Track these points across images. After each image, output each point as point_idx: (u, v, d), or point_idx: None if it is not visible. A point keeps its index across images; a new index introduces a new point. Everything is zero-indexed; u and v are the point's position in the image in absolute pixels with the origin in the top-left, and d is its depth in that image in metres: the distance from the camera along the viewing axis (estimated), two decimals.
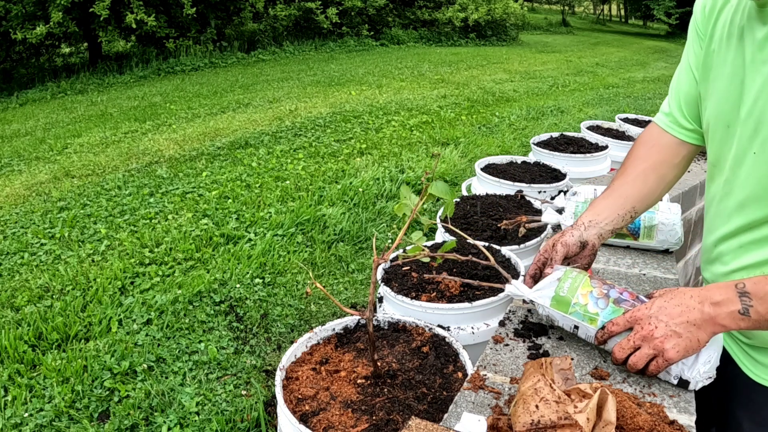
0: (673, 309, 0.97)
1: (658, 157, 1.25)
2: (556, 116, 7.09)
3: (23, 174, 5.10)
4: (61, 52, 12.39)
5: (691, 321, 0.95)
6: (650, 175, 1.24)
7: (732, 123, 1.03)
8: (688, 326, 0.96)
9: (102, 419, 2.21)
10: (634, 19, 31.50)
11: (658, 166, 1.24)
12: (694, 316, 0.95)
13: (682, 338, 0.96)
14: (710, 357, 1.00)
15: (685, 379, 1.01)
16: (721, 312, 0.93)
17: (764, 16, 0.95)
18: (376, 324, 1.41)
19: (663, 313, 0.98)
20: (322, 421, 1.09)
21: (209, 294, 2.99)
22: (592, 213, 1.23)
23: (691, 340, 0.96)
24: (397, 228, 3.87)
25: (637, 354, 1.01)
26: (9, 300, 2.99)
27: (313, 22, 13.09)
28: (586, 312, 1.10)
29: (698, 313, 0.95)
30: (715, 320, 0.94)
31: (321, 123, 6.45)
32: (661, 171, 1.24)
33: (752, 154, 0.98)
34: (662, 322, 0.97)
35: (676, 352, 0.97)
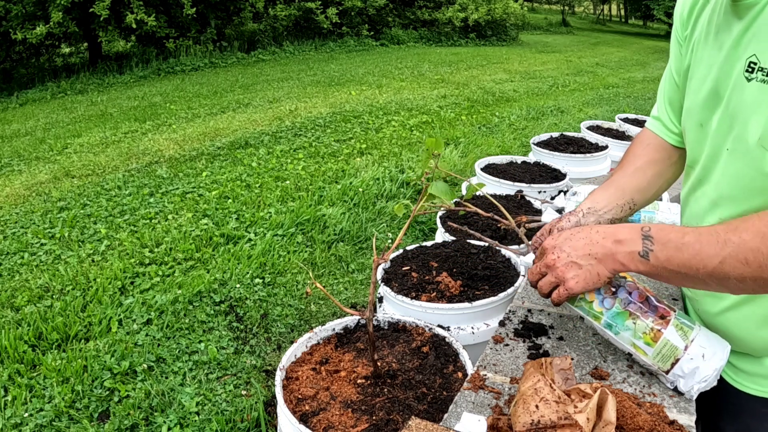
0: (577, 241, 0.99)
1: (656, 155, 1.25)
2: (556, 116, 7.09)
3: (23, 174, 5.10)
4: (61, 52, 12.39)
5: (592, 254, 0.97)
6: (648, 170, 1.25)
7: (705, 122, 1.03)
8: (589, 258, 0.98)
9: (102, 419, 2.21)
10: (634, 19, 31.49)
11: (656, 163, 1.25)
12: (596, 250, 0.97)
13: (582, 269, 0.98)
14: (707, 377, 0.98)
15: (680, 389, 1.02)
16: (622, 250, 0.95)
17: (738, 10, 0.94)
18: (376, 324, 1.41)
19: (567, 244, 1.00)
20: (322, 421, 1.09)
21: (209, 294, 2.99)
22: (591, 201, 1.23)
23: (590, 272, 0.98)
24: (397, 228, 3.87)
25: (543, 280, 1.04)
26: (9, 300, 2.98)
27: (313, 22, 13.09)
28: (591, 309, 1.08)
29: (600, 247, 0.97)
30: (615, 257, 0.96)
31: (321, 123, 6.45)
32: (658, 167, 1.25)
33: (725, 151, 0.97)
34: (565, 252, 1.00)
35: (576, 283, 0.99)
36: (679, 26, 1.15)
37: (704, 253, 0.87)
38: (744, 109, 0.92)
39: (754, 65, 0.89)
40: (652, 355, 1.02)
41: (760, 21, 0.89)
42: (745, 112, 0.92)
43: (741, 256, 0.84)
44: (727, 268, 0.86)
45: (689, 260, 0.89)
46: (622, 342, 1.05)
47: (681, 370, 0.99)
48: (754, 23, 0.90)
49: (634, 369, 1.09)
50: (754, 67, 0.89)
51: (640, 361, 1.05)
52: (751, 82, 0.90)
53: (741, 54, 0.93)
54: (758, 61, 0.89)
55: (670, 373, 1.01)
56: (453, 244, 1.79)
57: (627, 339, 1.04)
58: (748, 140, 0.91)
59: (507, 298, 1.49)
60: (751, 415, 1.07)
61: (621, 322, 1.04)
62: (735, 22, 0.95)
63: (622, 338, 1.04)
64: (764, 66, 0.88)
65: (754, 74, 0.89)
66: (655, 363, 1.02)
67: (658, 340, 1.00)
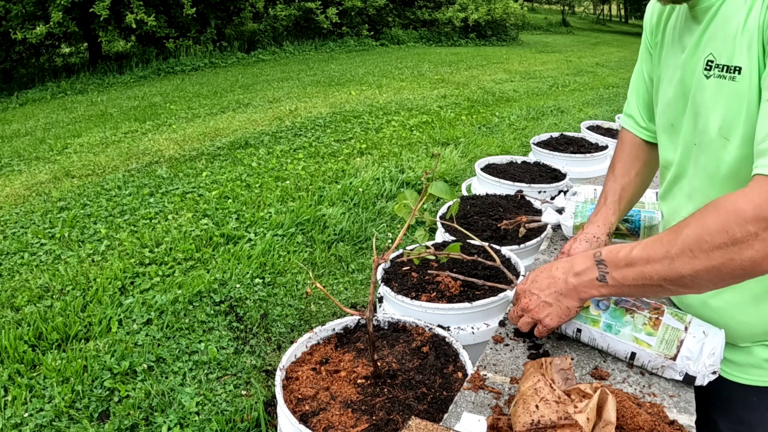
0: (542, 281, 1.08)
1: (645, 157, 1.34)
2: (556, 116, 7.09)
3: (23, 174, 5.10)
4: (61, 52, 12.39)
5: (558, 291, 1.05)
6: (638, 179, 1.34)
7: (676, 121, 1.09)
8: (556, 296, 1.06)
9: (102, 419, 2.21)
10: (634, 19, 31.48)
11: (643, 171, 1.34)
12: (560, 287, 1.05)
13: (553, 307, 1.07)
14: (714, 349, 1.00)
15: (691, 374, 1.01)
16: (582, 281, 1.01)
17: (697, 14, 1.02)
18: (376, 324, 1.41)
19: (535, 287, 1.09)
20: (322, 421, 1.09)
21: (209, 294, 2.99)
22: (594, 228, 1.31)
23: (560, 308, 1.06)
24: (397, 228, 3.87)
25: (521, 321, 1.13)
26: (9, 300, 2.98)
27: (313, 22, 13.09)
28: (588, 314, 1.11)
29: (563, 283, 1.04)
30: (578, 289, 1.02)
31: (321, 123, 6.45)
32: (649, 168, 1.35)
33: (694, 146, 1.04)
34: (534, 294, 1.09)
35: (551, 320, 1.08)
36: (648, 34, 1.24)
37: (654, 260, 0.90)
38: (705, 104, 0.99)
39: (711, 63, 0.97)
40: (656, 343, 1.02)
41: (716, 22, 0.97)
42: (706, 107, 0.99)
43: (686, 249, 0.86)
44: (678, 266, 0.88)
45: (642, 271, 0.92)
46: (624, 341, 1.06)
47: (688, 351, 1.00)
48: (711, 25, 0.98)
49: (634, 369, 1.09)
50: (711, 64, 0.97)
51: (644, 360, 1.06)
52: (710, 79, 0.97)
53: (701, 54, 1.00)
54: (714, 59, 0.96)
55: (678, 359, 1.01)
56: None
57: (628, 335, 1.05)
58: (710, 133, 0.98)
59: (507, 298, 1.49)
60: (741, 404, 1.10)
61: (619, 319, 1.06)
62: (695, 26, 1.03)
63: (623, 336, 1.05)
64: (720, 63, 0.95)
65: (711, 71, 0.97)
66: (661, 352, 1.02)
67: (658, 326, 1.03)
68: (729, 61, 0.93)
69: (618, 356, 1.10)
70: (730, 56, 0.93)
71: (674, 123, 1.10)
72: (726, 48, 0.94)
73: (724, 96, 0.94)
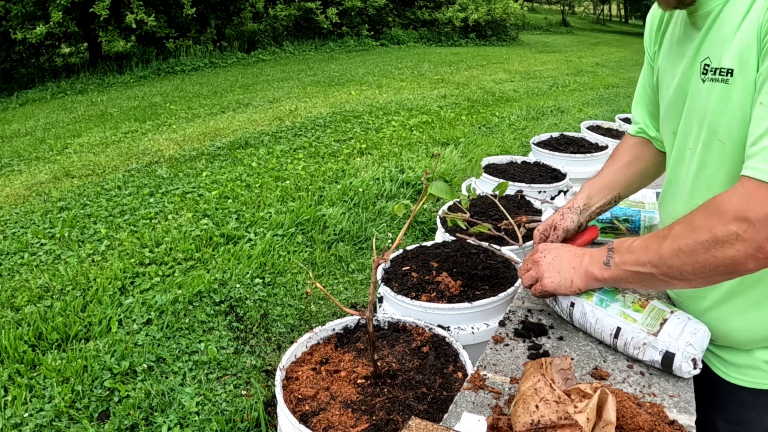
0: (565, 252, 1.17)
1: (640, 154, 1.37)
2: (556, 116, 7.09)
3: (23, 174, 5.10)
4: (61, 52, 12.39)
5: (572, 264, 1.14)
6: (633, 166, 1.37)
7: (676, 128, 1.10)
8: (568, 267, 1.14)
9: (102, 419, 2.21)
10: (634, 19, 31.48)
11: (640, 161, 1.37)
12: (576, 262, 1.14)
13: (560, 274, 1.15)
14: (696, 330, 1.03)
15: (671, 351, 1.03)
16: (592, 263, 1.10)
17: (696, 20, 1.02)
18: (376, 324, 1.41)
19: (555, 252, 1.17)
20: (322, 421, 1.09)
21: (209, 294, 2.99)
22: (586, 197, 1.36)
23: (565, 278, 1.14)
24: (397, 228, 3.87)
25: (527, 274, 1.20)
26: (9, 300, 2.98)
27: (313, 22, 13.09)
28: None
29: (579, 260, 1.14)
30: (588, 269, 1.11)
31: (321, 123, 6.45)
32: (642, 165, 1.37)
33: (688, 151, 1.05)
34: (551, 255, 1.17)
35: (550, 282, 1.15)
36: (648, 42, 1.26)
37: (650, 251, 0.98)
38: (701, 108, 0.99)
39: (707, 67, 0.97)
40: (641, 319, 1.08)
41: (715, 27, 0.97)
42: (702, 110, 0.99)
43: (675, 243, 0.94)
44: (667, 258, 0.95)
45: (638, 259, 1.00)
46: (611, 315, 1.10)
47: (671, 329, 1.04)
48: (710, 31, 0.98)
49: (634, 369, 1.09)
50: (707, 68, 0.97)
51: (628, 337, 1.08)
52: (706, 82, 0.98)
53: (698, 59, 1.00)
54: (710, 62, 0.97)
55: (660, 335, 1.04)
56: (453, 244, 1.79)
57: (617, 310, 1.10)
58: (706, 136, 0.99)
59: (507, 298, 1.49)
60: (740, 405, 1.11)
61: (611, 297, 1.13)
62: (694, 33, 1.03)
63: (612, 310, 1.11)
64: (715, 66, 0.95)
65: (707, 75, 0.97)
66: (645, 327, 1.06)
67: (646, 306, 1.09)
68: (721, 64, 0.94)
69: (603, 336, 1.13)
70: (724, 58, 0.93)
71: (675, 130, 1.10)
72: (720, 51, 0.94)
73: (719, 99, 0.95)
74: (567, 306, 1.18)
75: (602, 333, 1.13)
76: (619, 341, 1.10)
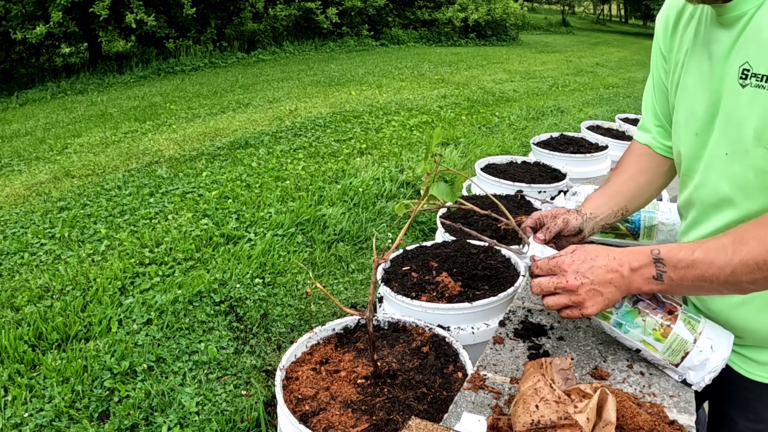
0: (598, 269, 1.02)
1: (647, 165, 1.33)
2: (556, 116, 7.09)
3: (23, 174, 5.10)
4: (61, 52, 12.38)
5: (613, 282, 1.01)
6: (640, 178, 1.33)
7: (702, 131, 1.08)
8: (610, 287, 1.02)
9: (102, 419, 2.21)
10: (634, 19, 31.47)
11: (647, 172, 1.33)
12: (616, 279, 1.01)
13: (603, 297, 1.02)
14: (716, 368, 1.02)
15: (689, 382, 1.04)
16: (638, 277, 1.00)
17: (727, 21, 1.00)
18: (376, 324, 1.41)
19: (590, 272, 1.02)
20: (322, 421, 1.09)
21: (209, 294, 2.99)
22: (593, 207, 1.31)
23: (609, 299, 1.02)
24: (397, 228, 3.87)
25: (555, 299, 1.04)
26: (9, 300, 2.98)
27: (313, 22, 13.09)
28: None
29: (619, 276, 1.01)
30: (632, 284, 1.01)
31: (321, 123, 6.45)
32: (649, 176, 1.33)
33: (724, 156, 1.03)
34: (588, 279, 1.01)
35: (594, 309, 1.03)
36: (662, 41, 1.22)
37: (715, 266, 0.95)
38: (741, 113, 0.97)
39: (747, 72, 0.95)
40: (662, 350, 1.04)
41: (750, 30, 0.95)
42: (742, 116, 0.97)
43: (750, 261, 0.92)
44: (739, 275, 0.93)
45: (702, 274, 0.96)
46: (632, 339, 1.07)
47: (691, 363, 1.02)
48: (744, 33, 0.97)
49: (634, 369, 1.09)
50: (747, 73, 0.95)
51: (649, 357, 1.07)
52: (746, 88, 0.96)
53: (733, 62, 0.98)
54: (751, 68, 0.95)
55: (680, 367, 1.03)
56: (453, 244, 1.79)
57: (637, 336, 1.06)
58: (747, 142, 0.97)
59: (507, 298, 1.49)
60: (762, 403, 1.11)
61: (631, 320, 1.06)
62: (723, 33, 1.01)
63: (632, 336, 1.06)
64: (757, 72, 0.94)
65: (747, 80, 0.95)
66: (665, 358, 1.04)
67: (668, 335, 1.03)
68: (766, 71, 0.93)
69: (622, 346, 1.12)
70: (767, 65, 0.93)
71: (699, 132, 1.08)
72: (762, 57, 0.93)
73: (762, 105, 0.94)
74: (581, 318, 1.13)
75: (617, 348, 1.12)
76: (638, 354, 1.10)
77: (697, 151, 1.10)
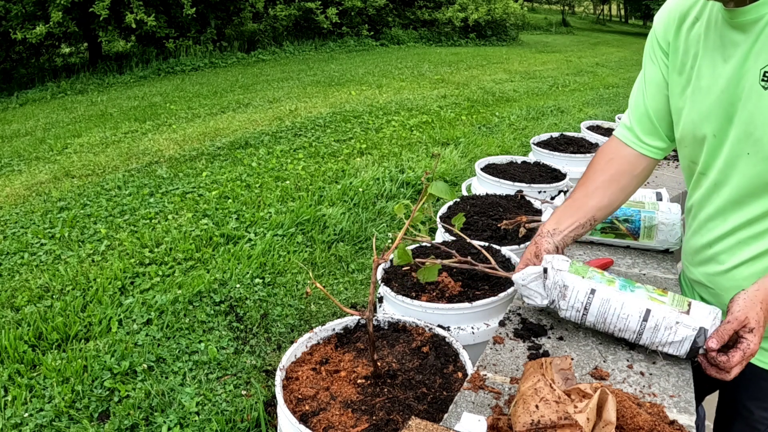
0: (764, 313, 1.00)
1: (619, 168, 1.30)
2: (556, 116, 7.09)
3: (23, 174, 5.10)
4: (61, 52, 12.38)
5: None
6: (610, 186, 1.30)
7: (719, 131, 1.09)
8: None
9: (102, 419, 2.21)
10: (634, 19, 31.48)
11: (619, 177, 1.30)
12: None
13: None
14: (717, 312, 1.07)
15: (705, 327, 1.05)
16: None
17: (743, 25, 1.01)
18: (376, 324, 1.41)
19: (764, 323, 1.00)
20: (322, 421, 1.09)
21: (209, 294, 2.99)
22: (555, 222, 1.30)
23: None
24: (397, 228, 3.87)
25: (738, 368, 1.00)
26: (9, 300, 2.98)
27: (313, 22, 13.09)
28: (603, 275, 1.16)
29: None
30: None
31: (321, 123, 6.45)
32: (621, 182, 1.30)
33: (746, 155, 1.04)
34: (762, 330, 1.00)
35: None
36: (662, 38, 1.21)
37: None
38: (762, 114, 0.99)
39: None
40: (669, 301, 1.09)
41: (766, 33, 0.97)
42: (763, 116, 0.99)
43: None
44: None
45: None
46: (640, 297, 1.10)
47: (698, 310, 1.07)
48: (761, 36, 0.98)
49: (634, 369, 1.09)
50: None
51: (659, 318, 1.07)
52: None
53: (752, 65, 1.00)
54: None
55: (691, 313, 1.07)
56: (453, 244, 1.79)
57: (644, 294, 1.11)
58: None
59: (507, 298, 1.49)
60: None
61: (632, 284, 1.14)
62: (740, 37, 1.02)
63: (638, 295, 1.11)
64: None
65: None
66: (675, 308, 1.08)
67: (666, 293, 1.12)
68: None
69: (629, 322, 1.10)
70: None
71: (716, 133, 1.09)
72: None
73: None
74: (586, 294, 1.13)
75: (628, 318, 1.10)
76: (649, 323, 1.08)
77: (715, 151, 1.11)
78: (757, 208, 1.06)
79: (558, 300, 1.17)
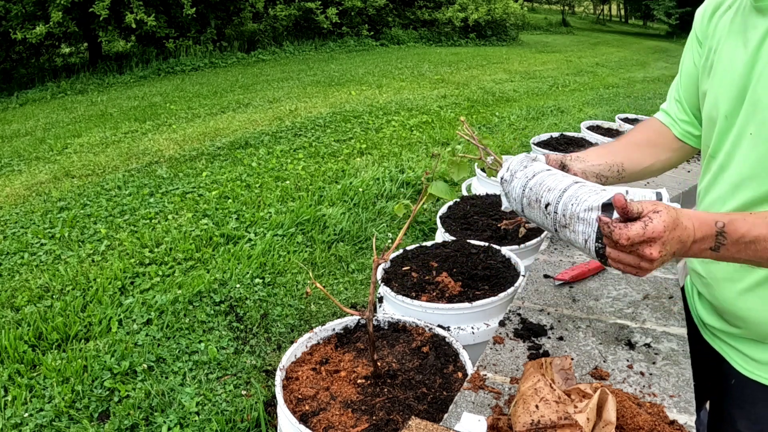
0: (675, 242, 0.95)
1: (657, 138, 1.33)
2: (556, 116, 7.09)
3: (23, 174, 5.10)
4: (61, 52, 12.38)
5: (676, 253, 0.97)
6: (645, 146, 1.32)
7: (731, 113, 1.08)
8: (672, 257, 0.99)
9: (102, 419, 2.21)
10: (634, 19, 31.48)
11: (654, 144, 1.32)
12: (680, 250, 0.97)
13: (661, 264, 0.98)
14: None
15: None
16: (695, 247, 0.97)
17: (763, 9, 1.02)
18: (376, 324, 1.41)
19: (670, 243, 0.95)
20: (322, 421, 1.09)
21: (209, 294, 2.99)
22: (581, 153, 1.31)
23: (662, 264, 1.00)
24: (397, 228, 3.87)
25: (627, 257, 0.96)
26: (9, 300, 2.98)
27: (313, 22, 13.09)
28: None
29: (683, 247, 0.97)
30: (687, 252, 0.98)
31: (321, 123, 6.45)
32: (655, 148, 1.32)
33: (749, 135, 1.04)
34: (667, 253, 0.95)
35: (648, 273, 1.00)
36: (699, 28, 1.23)
37: None
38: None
39: None
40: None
41: None
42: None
43: None
44: None
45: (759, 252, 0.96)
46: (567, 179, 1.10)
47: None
48: None
49: (634, 369, 1.09)
50: None
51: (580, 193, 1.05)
52: None
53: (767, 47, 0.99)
54: None
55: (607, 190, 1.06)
56: (453, 244, 1.79)
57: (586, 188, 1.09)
58: None
59: (507, 298, 1.49)
60: (762, 403, 1.11)
61: None
62: (760, 20, 1.03)
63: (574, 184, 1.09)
64: None
65: None
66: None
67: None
68: None
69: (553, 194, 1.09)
70: None
71: (729, 115, 1.09)
72: None
73: None
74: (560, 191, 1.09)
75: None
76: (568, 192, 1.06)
77: (725, 133, 1.10)
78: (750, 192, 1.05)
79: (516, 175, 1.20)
